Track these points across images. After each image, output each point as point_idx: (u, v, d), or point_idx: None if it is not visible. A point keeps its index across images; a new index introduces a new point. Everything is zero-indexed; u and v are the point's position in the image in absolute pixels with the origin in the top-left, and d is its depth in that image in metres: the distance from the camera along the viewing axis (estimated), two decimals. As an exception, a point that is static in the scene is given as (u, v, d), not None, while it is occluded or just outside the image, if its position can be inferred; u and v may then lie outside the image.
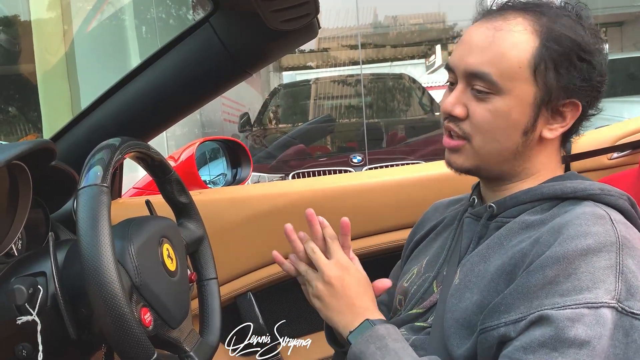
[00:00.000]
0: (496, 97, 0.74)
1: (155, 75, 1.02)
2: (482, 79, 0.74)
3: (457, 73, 0.78)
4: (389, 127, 5.12)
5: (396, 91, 5.67)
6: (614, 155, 1.17)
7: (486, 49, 0.75)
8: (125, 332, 0.63)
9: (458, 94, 0.77)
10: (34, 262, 0.75)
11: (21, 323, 0.68)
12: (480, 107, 0.75)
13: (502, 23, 0.75)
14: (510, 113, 0.74)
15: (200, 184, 1.46)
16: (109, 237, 0.64)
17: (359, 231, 1.28)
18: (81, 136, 1.07)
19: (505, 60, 0.74)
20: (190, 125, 6.10)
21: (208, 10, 0.96)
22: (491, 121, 0.75)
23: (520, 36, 0.74)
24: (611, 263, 0.65)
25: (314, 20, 0.97)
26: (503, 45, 0.74)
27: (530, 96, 0.74)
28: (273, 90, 6.40)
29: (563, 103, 0.75)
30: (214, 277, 0.94)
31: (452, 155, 0.80)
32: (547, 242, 0.68)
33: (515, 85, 0.74)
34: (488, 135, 0.76)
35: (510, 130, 0.75)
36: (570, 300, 0.63)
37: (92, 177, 0.68)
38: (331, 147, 5.09)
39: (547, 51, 0.73)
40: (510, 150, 0.77)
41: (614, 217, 0.70)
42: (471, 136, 0.77)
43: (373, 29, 7.64)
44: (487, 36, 0.75)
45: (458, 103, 0.77)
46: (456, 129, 0.78)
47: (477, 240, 0.79)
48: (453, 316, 0.73)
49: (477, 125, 0.76)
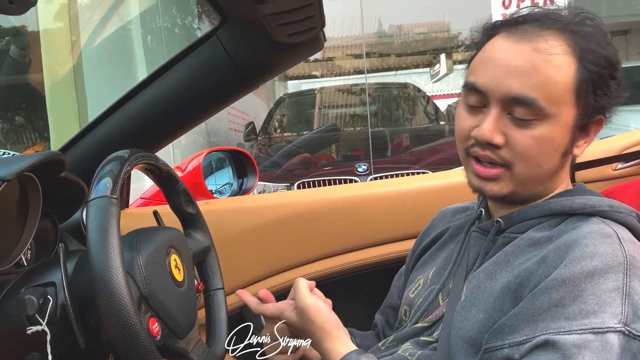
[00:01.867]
0: (540, 122, 0.71)
1: (163, 88, 1.03)
2: (528, 104, 0.70)
3: (492, 97, 0.72)
4: (394, 136, 5.13)
5: (401, 100, 5.68)
6: (619, 165, 1.17)
7: (530, 72, 0.70)
8: (134, 342, 0.64)
9: (495, 121, 0.72)
10: (43, 273, 0.75)
11: (31, 333, 0.69)
12: (522, 134, 0.71)
13: (542, 44, 0.71)
14: (555, 138, 0.72)
15: (207, 194, 1.47)
16: (119, 248, 0.65)
17: (364, 242, 1.28)
18: (90, 147, 1.08)
19: (552, 85, 0.70)
20: (195, 134, 6.13)
21: (215, 24, 0.98)
22: (535, 148, 0.71)
23: (562, 58, 0.71)
24: (618, 285, 0.64)
25: (320, 33, 0.98)
26: (548, 68, 0.70)
27: (572, 119, 0.72)
28: (278, 99, 6.43)
29: (592, 120, 0.75)
30: (221, 287, 0.94)
31: (490, 184, 0.75)
32: (554, 262, 0.67)
33: (560, 110, 0.71)
34: (531, 162, 0.73)
35: (553, 154, 0.73)
36: (576, 325, 0.62)
37: (102, 189, 0.69)
38: (336, 156, 5.10)
39: (588, 73, 0.71)
40: (550, 173, 0.75)
41: (622, 236, 0.68)
42: (512, 164, 0.73)
43: (378, 38, 7.67)
44: (529, 59, 0.70)
45: (496, 131, 0.72)
46: (495, 157, 0.73)
47: (484, 255, 0.78)
48: (459, 334, 0.73)
49: (520, 152, 0.72)
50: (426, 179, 1.40)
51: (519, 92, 0.70)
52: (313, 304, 0.80)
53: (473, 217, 0.85)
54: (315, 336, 0.79)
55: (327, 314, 0.80)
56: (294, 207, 1.29)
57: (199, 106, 1.06)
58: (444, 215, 0.98)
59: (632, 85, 5.67)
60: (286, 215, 1.28)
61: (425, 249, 0.95)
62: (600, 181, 1.16)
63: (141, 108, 1.05)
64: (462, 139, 0.77)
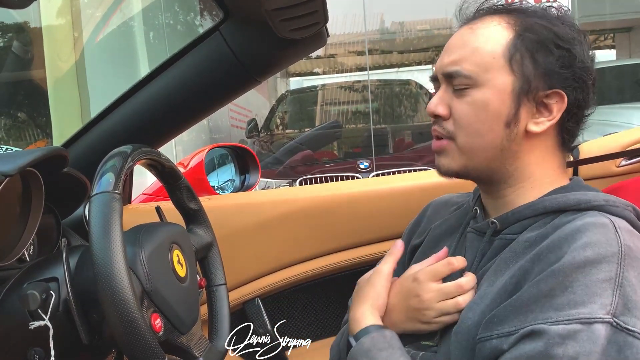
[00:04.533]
0: (473, 89, 0.76)
1: (165, 83, 1.03)
2: (456, 75, 0.76)
3: (438, 77, 0.80)
4: (396, 133, 5.12)
5: (403, 97, 5.67)
6: (623, 162, 1.17)
7: (460, 47, 0.77)
8: (136, 337, 0.64)
9: (440, 95, 0.79)
10: (46, 268, 0.75)
11: (34, 328, 0.69)
12: (460, 102, 0.77)
13: (478, 23, 0.78)
14: (489, 103, 0.75)
15: (209, 191, 1.47)
16: (121, 243, 0.65)
17: (367, 238, 1.28)
18: (93, 143, 1.08)
19: (477, 54, 0.76)
20: (197, 130, 6.13)
21: (218, 19, 0.98)
22: (470, 114, 0.76)
23: (494, 30, 0.76)
24: (610, 275, 0.63)
25: (323, 28, 0.98)
26: (477, 40, 0.77)
27: (509, 85, 0.74)
28: (280, 96, 6.43)
29: (546, 94, 0.75)
30: (223, 283, 0.94)
31: (440, 158, 0.80)
32: (548, 259, 0.67)
33: (491, 76, 0.75)
34: (470, 130, 0.76)
35: (491, 122, 0.75)
36: (563, 315, 0.62)
37: (105, 184, 0.69)
38: (338, 153, 5.10)
39: (523, 40, 0.75)
40: (495, 144, 0.76)
41: (618, 225, 0.68)
42: (455, 134, 0.77)
43: (380, 35, 7.66)
44: (462, 36, 0.78)
45: (440, 103, 0.78)
46: (440, 130, 0.79)
47: (481, 257, 0.78)
48: (457, 339, 0.72)
49: (459, 121, 0.77)
50: (428, 176, 1.40)
51: (448, 66, 0.77)
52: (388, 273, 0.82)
53: (468, 217, 0.85)
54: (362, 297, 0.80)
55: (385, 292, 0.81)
56: (297, 203, 1.29)
57: (201, 102, 1.06)
58: (437, 208, 0.97)
59: (635, 82, 5.66)
60: (289, 211, 1.28)
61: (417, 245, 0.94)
62: (604, 178, 1.16)
63: (144, 104, 1.05)
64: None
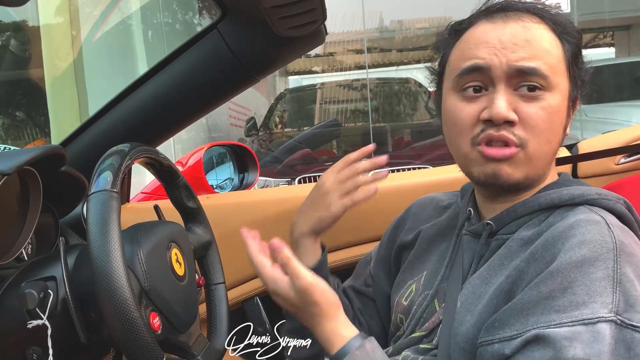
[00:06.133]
0: (547, 93, 0.71)
1: (163, 81, 1.03)
2: (533, 74, 0.70)
3: (495, 73, 0.71)
4: (395, 132, 5.13)
5: (402, 95, 5.67)
6: (622, 160, 1.17)
7: (526, 45, 0.71)
8: (135, 336, 0.64)
9: (507, 98, 0.70)
10: (44, 267, 0.75)
11: (32, 327, 0.69)
12: (533, 106, 0.70)
13: (529, 23, 0.73)
14: (561, 109, 0.72)
15: (207, 189, 1.47)
16: (119, 242, 0.64)
17: (366, 236, 1.28)
18: (90, 142, 1.08)
19: (548, 54, 0.72)
20: (196, 129, 6.13)
21: (216, 17, 0.97)
22: (546, 120, 0.71)
23: (547, 33, 0.73)
24: (608, 273, 0.62)
25: (322, 26, 0.98)
26: (542, 40, 0.72)
27: (567, 90, 0.74)
28: (279, 94, 6.43)
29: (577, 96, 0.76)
30: (222, 281, 0.94)
31: (503, 166, 0.72)
32: (544, 257, 0.66)
33: (559, 80, 0.72)
34: (543, 137, 0.71)
35: (559, 128, 0.73)
36: (566, 317, 0.61)
37: (102, 182, 0.68)
38: (337, 152, 5.10)
39: (569, 45, 0.74)
40: (555, 151, 0.74)
41: (610, 221, 0.67)
42: (527, 140, 0.71)
43: (379, 33, 7.65)
44: (522, 34, 0.72)
45: (511, 107, 0.70)
46: (511, 137, 0.70)
47: (479, 260, 0.77)
48: (456, 341, 0.72)
49: (534, 128, 0.70)
50: (429, 174, 1.40)
51: (521, 62, 0.70)
52: (316, 283, 0.71)
53: (462, 219, 0.83)
54: (316, 317, 0.72)
55: (330, 294, 0.72)
56: (295, 202, 1.29)
57: (199, 100, 1.06)
58: (422, 207, 0.96)
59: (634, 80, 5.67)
60: (287, 210, 1.28)
61: (406, 245, 0.93)
62: (603, 175, 1.16)
63: (142, 102, 1.05)
64: (466, 129, 0.73)
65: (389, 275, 0.96)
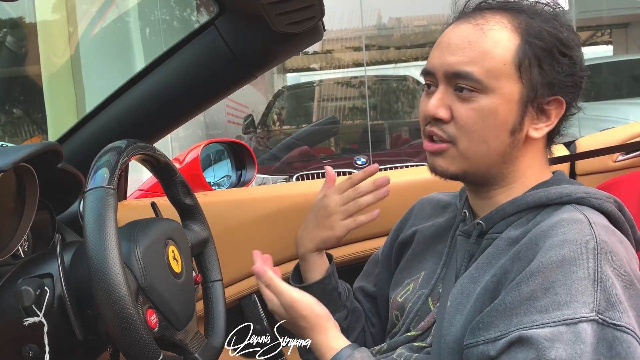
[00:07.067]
0: (482, 95, 0.72)
1: (161, 78, 1.02)
2: (466, 78, 0.72)
3: (438, 75, 0.75)
4: (393, 129, 5.12)
5: (400, 93, 5.66)
6: (619, 157, 1.17)
7: (467, 47, 0.73)
8: (131, 333, 0.64)
9: (440, 96, 0.75)
10: (40, 264, 0.75)
11: (28, 324, 0.69)
12: (465, 107, 0.73)
13: (481, 21, 0.74)
14: (497, 112, 0.72)
15: (205, 186, 1.46)
16: (116, 239, 0.64)
17: (365, 233, 1.28)
18: (87, 138, 1.07)
19: (488, 58, 0.72)
20: (194, 127, 6.11)
21: (213, 13, 0.97)
22: (477, 121, 0.73)
23: (501, 33, 0.73)
24: (589, 272, 0.62)
25: (319, 23, 0.97)
26: (485, 42, 0.73)
27: (517, 94, 0.73)
28: (277, 92, 6.41)
29: (548, 101, 0.74)
30: (219, 279, 0.94)
31: (436, 159, 0.77)
32: (526, 256, 0.67)
33: (501, 84, 0.72)
34: (475, 136, 0.73)
35: (498, 130, 0.73)
36: (548, 318, 0.61)
37: (99, 179, 0.68)
38: (335, 149, 5.09)
39: (530, 47, 0.72)
40: (498, 151, 0.75)
41: (593, 220, 0.67)
42: (457, 138, 0.74)
43: (377, 30, 7.64)
44: (467, 35, 0.74)
45: (441, 105, 0.74)
46: (440, 133, 0.75)
47: (469, 259, 0.78)
48: (446, 341, 0.72)
49: (464, 127, 0.73)
50: (424, 172, 1.40)
51: (457, 67, 0.73)
52: (300, 298, 0.78)
53: (458, 220, 0.84)
54: (306, 330, 0.77)
55: (317, 307, 0.78)
56: (293, 199, 1.29)
57: (197, 97, 1.06)
58: (423, 206, 0.97)
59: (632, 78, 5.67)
60: (285, 207, 1.28)
61: (404, 244, 0.94)
62: (601, 173, 1.16)
63: (139, 99, 1.04)
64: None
65: (392, 276, 0.96)
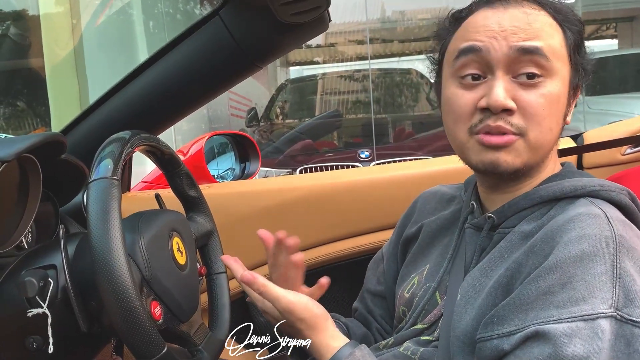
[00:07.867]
0: (547, 80, 0.69)
1: (164, 69, 1.01)
2: (535, 53, 0.68)
3: (495, 58, 0.69)
4: (397, 123, 5.11)
5: (404, 86, 5.64)
6: (628, 150, 1.16)
7: (528, 28, 0.69)
8: (136, 325, 0.63)
9: (505, 85, 0.69)
10: (44, 255, 0.75)
11: (32, 315, 0.68)
12: (533, 94, 0.69)
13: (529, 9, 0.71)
14: (560, 97, 0.70)
15: (209, 178, 1.46)
16: (120, 230, 0.64)
17: (367, 227, 1.28)
18: (91, 129, 1.07)
19: (550, 37, 0.70)
20: (197, 120, 6.11)
21: (218, 4, 0.96)
22: (546, 108, 0.69)
23: (548, 19, 0.72)
24: (608, 268, 0.61)
25: (325, 13, 0.96)
26: (542, 24, 0.70)
27: (568, 77, 0.72)
28: (280, 85, 6.40)
29: (578, 85, 0.75)
30: (223, 271, 0.94)
31: (501, 154, 0.70)
32: (542, 250, 0.65)
33: (560, 66, 0.70)
34: (545, 125, 0.69)
35: (559, 116, 0.71)
36: (565, 313, 0.60)
37: (103, 170, 0.68)
38: (338, 143, 5.08)
39: (571, 32, 0.72)
40: (556, 139, 0.73)
41: (611, 215, 0.66)
42: (526, 129, 0.69)
43: (381, 24, 7.60)
44: (522, 17, 0.70)
45: (508, 96, 0.69)
46: (507, 126, 0.69)
47: (480, 253, 0.76)
48: (455, 334, 0.71)
49: (535, 115, 0.69)
50: (429, 164, 1.39)
51: (524, 42, 0.69)
52: (297, 301, 0.74)
53: (465, 212, 0.82)
54: (304, 332, 0.74)
55: (314, 308, 0.74)
56: (297, 191, 1.28)
57: (201, 88, 1.05)
58: (427, 200, 0.95)
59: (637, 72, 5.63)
60: (289, 199, 1.27)
61: (410, 239, 0.93)
62: (609, 166, 1.15)
63: (143, 90, 1.03)
64: (464, 118, 0.72)
65: (397, 272, 0.95)
